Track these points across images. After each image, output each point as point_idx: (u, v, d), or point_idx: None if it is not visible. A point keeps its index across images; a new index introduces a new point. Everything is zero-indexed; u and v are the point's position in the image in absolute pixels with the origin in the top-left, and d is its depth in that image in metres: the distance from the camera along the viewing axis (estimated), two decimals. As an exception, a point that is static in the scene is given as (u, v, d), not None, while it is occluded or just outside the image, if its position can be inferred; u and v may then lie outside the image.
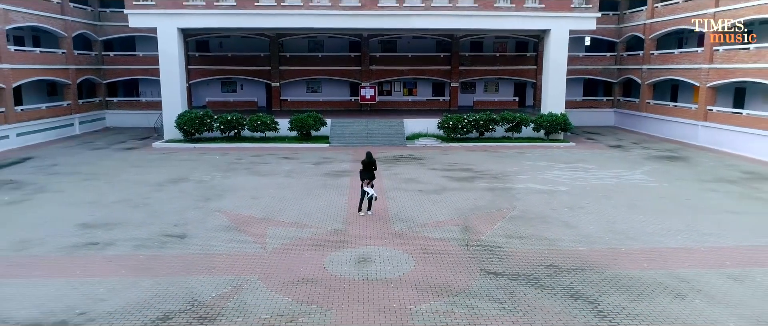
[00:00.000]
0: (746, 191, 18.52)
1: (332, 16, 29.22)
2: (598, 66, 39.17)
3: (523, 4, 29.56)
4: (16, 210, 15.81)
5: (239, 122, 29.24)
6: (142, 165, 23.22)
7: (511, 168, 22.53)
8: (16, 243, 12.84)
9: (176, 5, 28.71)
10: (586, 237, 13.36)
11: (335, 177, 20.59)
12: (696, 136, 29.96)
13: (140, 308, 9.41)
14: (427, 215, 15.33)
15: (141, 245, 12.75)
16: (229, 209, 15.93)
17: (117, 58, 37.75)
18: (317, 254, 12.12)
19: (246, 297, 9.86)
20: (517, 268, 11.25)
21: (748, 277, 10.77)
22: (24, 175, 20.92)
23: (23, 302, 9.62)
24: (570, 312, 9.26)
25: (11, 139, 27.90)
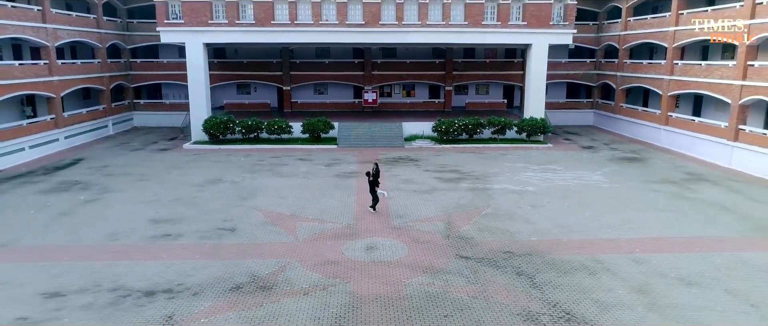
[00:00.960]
0: (680, 191, 22.73)
1: (339, 32, 33.19)
2: (579, 71, 43.18)
3: (507, 22, 33.51)
4: (95, 208, 20.02)
5: (258, 126, 33.34)
6: (181, 166, 27.39)
7: (492, 169, 26.71)
8: (109, 235, 17.08)
9: (202, 23, 32.67)
10: (539, 230, 17.60)
11: (344, 178, 24.79)
12: (659, 138, 34.13)
13: (218, 281, 13.66)
14: (419, 212, 19.55)
15: (203, 236, 16.99)
16: (263, 207, 20.14)
17: (143, 65, 41.76)
18: (336, 243, 16.36)
19: (289, 274, 14.11)
20: (482, 254, 15.50)
21: (646, 260, 15.01)
22: (84, 176, 25.12)
23: (136, 277, 13.87)
24: (513, 283, 13.52)
25: (60, 141, 32.06)
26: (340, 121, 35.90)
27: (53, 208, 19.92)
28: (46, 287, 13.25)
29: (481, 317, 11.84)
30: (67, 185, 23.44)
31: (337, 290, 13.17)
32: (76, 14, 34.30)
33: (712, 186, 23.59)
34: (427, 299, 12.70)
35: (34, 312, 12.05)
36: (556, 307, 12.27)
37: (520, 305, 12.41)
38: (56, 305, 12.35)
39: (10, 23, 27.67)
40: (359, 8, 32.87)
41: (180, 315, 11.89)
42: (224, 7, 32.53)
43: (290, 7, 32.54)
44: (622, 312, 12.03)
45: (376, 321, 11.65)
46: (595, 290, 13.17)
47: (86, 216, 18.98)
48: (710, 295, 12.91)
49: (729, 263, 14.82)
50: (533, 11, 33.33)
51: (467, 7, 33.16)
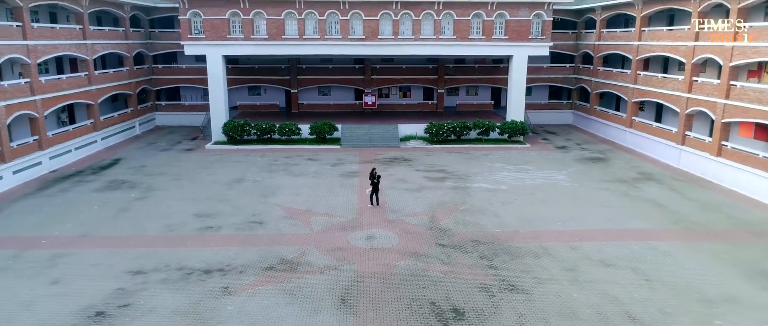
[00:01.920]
0: (627, 190, 27.33)
1: (342, 45, 37.56)
2: (560, 75, 47.56)
3: (491, 36, 37.85)
4: (147, 205, 24.62)
5: (271, 128, 37.83)
6: (208, 166, 31.96)
7: (474, 169, 31.28)
8: (165, 227, 21.72)
9: (221, 38, 37.00)
10: (503, 223, 22.22)
11: (348, 178, 29.36)
12: (625, 139, 38.66)
13: (256, 263, 18.29)
14: (409, 208, 24.16)
15: (238, 228, 21.62)
16: (282, 203, 24.75)
17: (164, 70, 46.09)
18: (343, 234, 20.99)
19: (309, 257, 18.75)
20: (456, 242, 20.13)
21: (580, 247, 19.65)
22: (128, 176, 29.69)
23: (195, 260, 18.49)
24: (476, 264, 18.17)
25: (98, 143, 36.58)
26: (343, 122, 40.38)
27: (112, 205, 24.53)
28: (130, 267, 17.89)
29: (449, 288, 16.49)
30: (116, 184, 28.03)
31: (345, 269, 17.82)
32: (109, 28, 38.61)
33: (656, 185, 28.20)
34: (411, 276, 17.36)
35: (127, 284, 16.70)
36: (504, 281, 16.93)
37: (479, 280, 17.06)
38: (141, 280, 17.00)
39: (60, 43, 32.05)
40: (360, 24, 37.19)
41: (233, 287, 16.55)
42: (241, 23, 36.83)
43: (299, 23, 36.86)
44: (551, 285, 16.69)
45: (374, 291, 16.30)
46: (536, 269, 17.81)
47: (142, 212, 23.60)
48: (619, 273, 17.56)
49: (642, 250, 19.46)
50: (514, 27, 37.67)
51: (456, 23, 37.47)
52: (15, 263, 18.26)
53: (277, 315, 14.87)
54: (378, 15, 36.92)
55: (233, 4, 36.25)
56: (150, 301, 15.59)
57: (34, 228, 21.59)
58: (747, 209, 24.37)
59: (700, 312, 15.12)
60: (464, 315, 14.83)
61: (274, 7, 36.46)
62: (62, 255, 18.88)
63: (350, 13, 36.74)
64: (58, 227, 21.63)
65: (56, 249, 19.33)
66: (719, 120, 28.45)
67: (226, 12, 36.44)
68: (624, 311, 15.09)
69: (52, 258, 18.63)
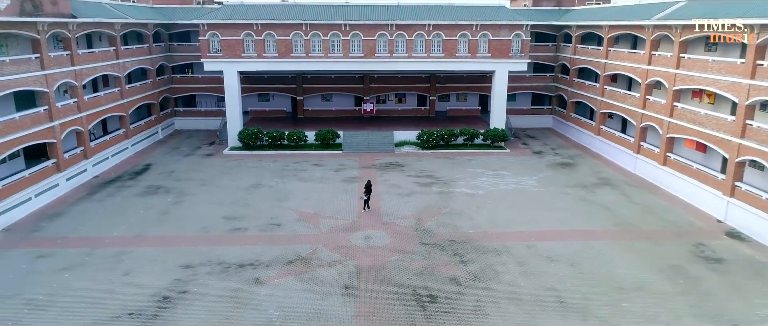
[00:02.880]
0: (585, 194, 32.40)
1: (343, 62, 42.38)
2: (541, 83, 52.41)
3: (476, 54, 42.65)
4: (183, 209, 29.68)
5: (281, 136, 42.78)
6: (228, 171, 36.97)
7: (457, 175, 36.31)
8: (202, 228, 26.81)
9: (236, 56, 41.79)
10: (476, 225, 27.31)
11: (349, 183, 34.41)
12: (594, 145, 43.65)
13: (278, 259, 23.41)
14: (400, 212, 29.24)
15: (261, 229, 26.72)
16: (295, 207, 29.82)
17: (182, 79, 50.92)
18: (346, 234, 26.09)
19: (319, 254, 23.87)
20: (435, 241, 25.25)
21: (534, 246, 24.76)
22: (161, 181, 34.72)
23: (230, 256, 23.61)
24: (450, 260, 23.30)
25: (129, 149, 41.57)
26: (344, 128, 45.35)
27: (154, 209, 29.62)
28: (180, 262, 23.02)
29: (427, 279, 21.62)
30: (153, 189, 33.11)
31: (348, 263, 22.94)
32: (136, 46, 43.40)
33: (610, 190, 33.28)
34: (399, 269, 22.48)
35: (181, 276, 21.82)
36: (470, 273, 22.07)
37: (451, 273, 22.20)
38: (191, 272, 22.13)
39: (99, 64, 36.89)
40: (359, 43, 41.98)
41: (262, 277, 21.67)
42: (253, 43, 41.60)
43: (305, 43, 41.65)
44: (505, 276, 21.82)
45: (370, 281, 21.43)
46: (496, 264, 22.95)
47: (180, 215, 28.69)
48: (560, 267, 22.68)
49: (582, 248, 24.58)
50: (496, 45, 42.48)
51: (444, 43, 42.26)
52: (90, 259, 23.38)
53: (297, 299, 20.01)
54: (375, 35, 41.70)
55: (247, 27, 41.01)
56: (201, 289, 20.73)
57: (96, 230, 26.69)
58: (679, 212, 29.48)
59: (613, 297, 20.25)
60: (437, 300, 19.98)
61: (283, 29, 41.22)
62: (125, 252, 24.00)
63: (350, 33, 41.52)
64: (116, 228, 26.74)
65: (119, 248, 24.45)
66: (664, 134, 33.44)
67: (240, 33, 41.19)
68: (556, 297, 20.23)
69: (117, 254, 23.76)
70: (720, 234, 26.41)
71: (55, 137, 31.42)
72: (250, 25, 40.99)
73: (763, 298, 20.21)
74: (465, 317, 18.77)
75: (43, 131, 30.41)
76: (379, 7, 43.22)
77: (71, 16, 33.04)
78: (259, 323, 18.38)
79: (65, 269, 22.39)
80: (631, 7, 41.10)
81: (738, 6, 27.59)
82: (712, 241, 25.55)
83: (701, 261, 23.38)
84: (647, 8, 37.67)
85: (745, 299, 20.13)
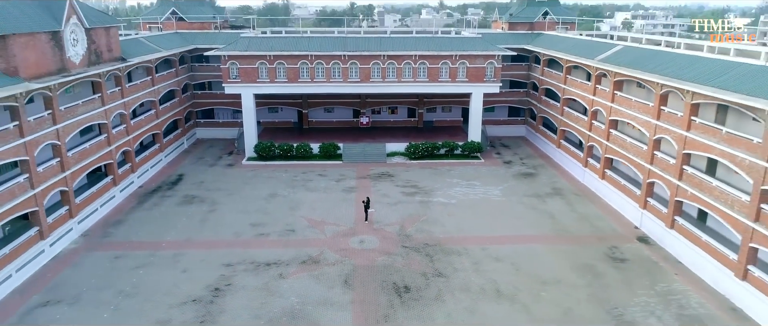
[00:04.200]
0: (537, 204, 40.33)
1: (343, 86, 50.00)
2: (516, 98, 60.09)
3: (456, 78, 50.26)
4: (216, 217, 37.64)
5: (290, 148, 50.59)
6: (248, 181, 44.84)
7: (437, 185, 44.18)
8: (234, 234, 34.81)
9: (252, 81, 49.37)
10: (445, 231, 35.28)
11: (348, 193, 42.29)
12: (555, 156, 51.50)
13: (294, 259, 31.43)
14: (388, 219, 37.18)
15: (281, 234, 34.72)
16: (305, 215, 37.78)
17: (202, 95, 58.60)
18: (346, 238, 34.09)
19: (325, 255, 31.91)
20: (413, 245, 33.26)
21: (487, 249, 32.76)
22: (194, 191, 42.61)
23: (260, 257, 31.64)
24: (422, 260, 31.32)
25: (163, 160, 49.42)
26: (344, 139, 53.15)
27: (194, 217, 37.58)
28: (222, 261, 31.03)
29: (404, 275, 29.64)
30: (189, 198, 41.05)
31: (347, 263, 30.96)
32: (167, 72, 50.99)
33: (559, 200, 41.22)
34: (384, 267, 30.51)
35: (224, 272, 29.84)
36: (436, 270, 30.09)
37: (422, 270, 30.22)
38: (232, 269, 30.14)
39: (140, 93, 44.59)
40: (356, 70, 49.56)
41: (284, 273, 29.70)
42: (266, 70, 49.17)
43: (310, 70, 49.25)
44: (462, 273, 29.83)
45: (363, 276, 29.44)
46: (456, 263, 30.96)
47: (216, 222, 36.66)
48: (503, 265, 30.69)
49: (523, 250, 32.57)
50: (473, 71, 50.08)
51: (429, 69, 49.85)
52: (154, 259, 31.40)
53: (310, 289, 28.03)
54: (370, 64, 49.28)
55: (261, 57, 48.57)
56: (241, 282, 28.77)
57: (153, 235, 34.69)
58: (607, 220, 37.46)
59: (536, 289, 28.27)
60: (410, 290, 28.03)
61: (291, 59, 48.78)
62: (179, 254, 32.03)
63: (349, 62, 49.10)
64: (168, 234, 34.75)
65: (174, 250, 32.47)
66: (603, 154, 41.27)
67: (256, 62, 48.77)
68: (495, 288, 28.28)
69: (174, 256, 31.78)
70: (632, 239, 34.44)
71: (112, 158, 39.26)
72: (264, 55, 48.52)
73: (644, 289, 28.26)
74: (428, 303, 26.85)
75: (104, 154, 38.21)
76: (373, 39, 50.76)
77: (121, 58, 40.61)
78: (285, 307, 26.44)
79: (138, 267, 30.42)
80: (585, 42, 48.66)
81: (651, 62, 35.25)
82: (624, 244, 33.59)
83: (610, 261, 31.43)
84: (596, 46, 45.28)
85: (630, 290, 28.19)
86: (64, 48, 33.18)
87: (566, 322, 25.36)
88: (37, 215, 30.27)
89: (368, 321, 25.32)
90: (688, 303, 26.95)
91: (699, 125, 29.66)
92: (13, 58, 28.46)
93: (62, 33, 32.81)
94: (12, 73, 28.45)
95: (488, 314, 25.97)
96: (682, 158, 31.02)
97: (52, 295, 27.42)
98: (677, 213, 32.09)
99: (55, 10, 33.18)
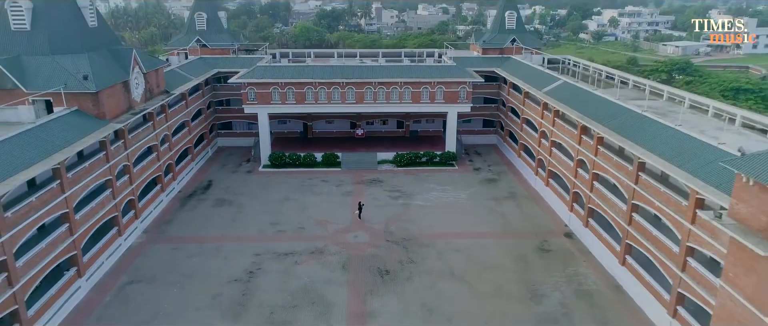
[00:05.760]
0: (493, 206, 51.33)
1: (341, 106, 60.75)
2: (488, 111, 70.91)
3: (434, 100, 60.98)
4: (244, 216, 48.65)
5: (299, 158, 61.47)
6: (266, 186, 55.77)
7: (417, 190, 55.11)
8: (258, 231, 45.88)
9: (267, 102, 60.08)
10: (420, 228, 46.28)
11: (346, 196, 53.26)
12: (517, 164, 62.42)
13: (305, 250, 42.48)
14: (376, 219, 48.16)
15: (294, 230, 45.78)
16: (313, 215, 48.78)
17: (223, 111, 69.39)
18: (344, 234, 45.14)
19: (328, 247, 42.98)
20: (394, 239, 44.33)
21: (451, 242, 43.77)
22: (224, 195, 53.57)
23: (281, 249, 42.68)
24: (400, 251, 42.39)
25: (194, 169, 60.36)
26: (342, 148, 64.04)
27: (227, 217, 48.59)
28: (252, 252, 42.08)
29: (386, 262, 40.70)
30: (220, 202, 52.05)
31: (344, 253, 42.02)
32: (196, 93, 61.72)
33: (512, 202, 52.23)
34: (372, 256, 41.56)
35: (254, 260, 40.91)
36: (410, 259, 41.16)
37: (399, 258, 41.30)
38: (260, 258, 41.21)
39: (180, 116, 55.38)
40: (352, 94, 60.26)
41: (299, 260, 40.77)
42: (278, 94, 59.87)
43: (314, 94, 59.95)
44: (428, 260, 40.87)
45: (356, 263, 40.50)
46: (425, 253, 42.01)
47: (244, 221, 47.68)
48: (459, 255, 41.74)
49: (476, 243, 43.60)
50: (448, 95, 60.79)
51: (412, 93, 60.56)
52: (201, 250, 42.45)
53: (318, 273, 39.07)
54: (364, 88, 59.97)
55: (274, 84, 59.24)
56: (268, 267, 39.84)
57: (197, 231, 45.70)
58: (546, 220, 48.45)
59: (480, 272, 39.33)
60: (389, 273, 39.10)
61: (298, 85, 59.46)
62: (219, 246, 43.07)
63: (346, 87, 59.80)
64: (209, 230, 45.78)
65: (215, 244, 43.51)
66: (547, 167, 52.20)
67: (269, 88, 59.45)
68: (451, 271, 39.34)
69: (216, 248, 42.82)
70: (560, 235, 45.50)
71: (160, 171, 50.17)
72: (276, 82, 59.20)
73: (557, 272, 39.34)
74: (402, 282, 37.93)
75: (155, 169, 49.11)
76: (366, 68, 61.43)
77: (166, 91, 51.35)
78: (300, 285, 37.49)
79: (191, 256, 41.49)
80: (538, 73, 59.34)
81: (576, 100, 46.06)
82: (553, 239, 44.66)
83: (539, 251, 42.51)
84: (545, 78, 56.02)
85: (547, 273, 39.28)
86: (131, 91, 43.92)
87: (497, 296, 36.50)
88: (117, 218, 41.25)
89: (359, 294, 36.45)
90: (585, 282, 38.12)
91: (602, 153, 40.57)
92: (102, 105, 39.25)
93: (129, 80, 43.53)
94: (102, 116, 39.26)
95: (443, 289, 37.10)
96: (591, 176, 41.99)
97: (134, 277, 38.55)
98: (590, 216, 43.10)
99: (123, 59, 43.80)
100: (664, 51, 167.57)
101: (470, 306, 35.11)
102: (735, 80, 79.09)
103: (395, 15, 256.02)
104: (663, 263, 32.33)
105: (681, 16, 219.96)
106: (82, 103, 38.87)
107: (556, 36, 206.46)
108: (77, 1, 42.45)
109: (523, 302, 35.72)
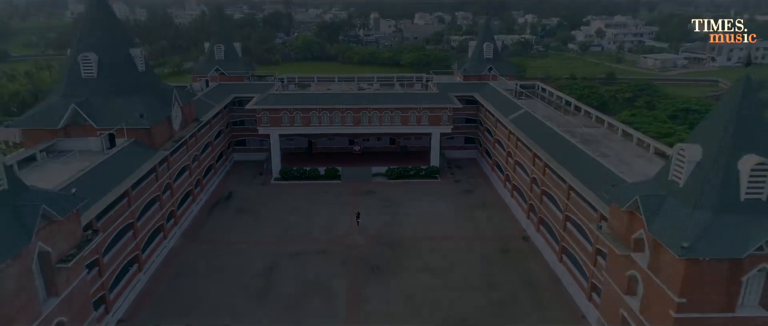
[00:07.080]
0: (468, 213, 62.02)
1: (341, 128, 71.50)
2: (470, 130, 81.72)
3: (421, 123, 71.71)
4: (264, 223, 59.35)
5: (305, 172, 72.17)
6: (278, 197, 66.45)
7: (405, 200, 65.77)
8: (276, 236, 56.61)
9: (278, 125, 70.76)
10: (406, 232, 56.94)
11: (345, 206, 63.95)
12: (492, 176, 73.15)
13: (314, 250, 53.19)
14: (371, 226, 58.78)
15: (303, 235, 56.48)
16: (319, 222, 59.48)
17: (238, 129, 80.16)
18: (343, 238, 55.87)
19: (331, 248, 53.70)
20: (386, 241, 55.01)
21: (434, 244, 54.45)
22: (244, 205, 64.25)
23: (293, 249, 53.42)
24: (390, 250, 53.10)
25: (215, 181, 71.07)
26: (342, 162, 74.76)
27: (250, 224, 59.29)
28: (271, 252, 52.77)
29: (378, 259, 51.37)
30: (241, 210, 62.74)
31: (343, 253, 52.69)
32: (217, 116, 72.44)
33: (483, 211, 62.94)
34: (366, 255, 52.25)
35: (273, 258, 51.55)
36: (397, 257, 51.86)
37: (389, 257, 52.01)
38: (278, 256, 51.89)
39: (205, 138, 66.19)
40: (351, 118, 71.00)
41: (308, 259, 51.49)
42: (288, 117, 70.60)
43: (318, 118, 70.69)
44: (412, 259, 51.58)
45: (353, 261, 51.18)
46: (409, 253, 52.68)
47: (262, 226, 58.38)
48: (435, 254, 52.41)
49: (452, 245, 54.26)
50: (432, 118, 71.55)
51: (401, 117, 71.30)
52: (229, 250, 53.13)
53: (323, 268, 49.70)
54: (360, 113, 70.72)
55: (284, 109, 69.97)
56: (284, 264, 50.52)
57: (224, 234, 56.39)
58: (509, 225, 59.14)
59: (452, 267, 50.01)
60: (380, 268, 49.79)
61: (304, 110, 70.20)
62: (243, 248, 53.74)
63: (345, 112, 70.55)
64: (238, 234, 56.45)
65: (244, 246, 54.17)
66: (512, 181, 62.92)
67: (280, 112, 70.18)
68: (427, 267, 50.01)
69: (242, 249, 53.50)
70: (519, 238, 56.23)
71: (191, 185, 60.87)
72: (286, 108, 69.94)
73: (511, 267, 49.97)
74: (389, 276, 48.61)
75: (188, 184, 59.80)
76: (363, 95, 72.20)
77: (197, 119, 62.04)
78: (310, 277, 48.13)
79: (221, 255, 52.18)
80: (507, 101, 70.13)
81: (532, 129, 56.86)
82: (512, 242, 55.41)
83: (500, 252, 53.23)
84: (512, 106, 66.78)
85: (502, 268, 49.98)
86: (172, 122, 54.64)
87: (463, 286, 47.21)
88: (163, 225, 51.96)
89: (355, 285, 47.18)
90: (530, 274, 48.88)
91: (547, 173, 51.35)
92: (154, 137, 49.98)
93: (171, 114, 54.25)
94: (153, 146, 49.98)
95: (421, 280, 47.83)
96: (540, 191, 52.76)
97: (181, 270, 49.28)
98: (540, 223, 53.87)
99: (166, 97, 54.49)
100: (644, 63, 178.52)
101: (442, 294, 45.82)
102: (686, 101, 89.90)
103: (393, 24, 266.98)
104: (584, 261, 43.11)
105: (665, 28, 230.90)
106: (138, 135, 49.53)
107: (545, 46, 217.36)
108: (130, 50, 53.07)
109: (482, 291, 46.44)
